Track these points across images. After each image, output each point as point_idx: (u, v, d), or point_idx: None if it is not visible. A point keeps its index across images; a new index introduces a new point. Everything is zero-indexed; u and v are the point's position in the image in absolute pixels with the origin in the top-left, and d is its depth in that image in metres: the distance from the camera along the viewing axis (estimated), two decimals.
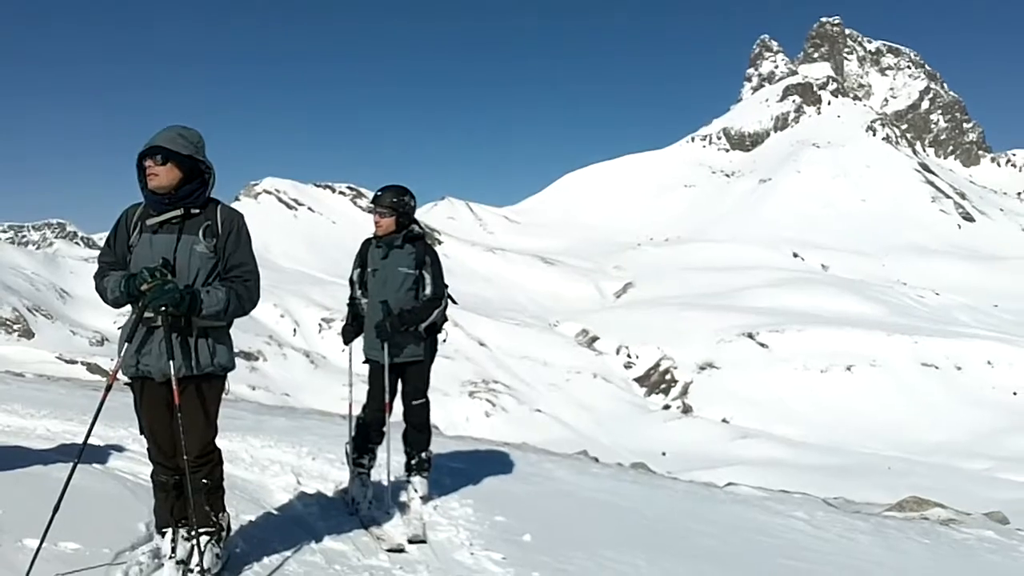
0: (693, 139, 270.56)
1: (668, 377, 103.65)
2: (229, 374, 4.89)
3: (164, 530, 4.91)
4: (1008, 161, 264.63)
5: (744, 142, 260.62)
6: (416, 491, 6.89)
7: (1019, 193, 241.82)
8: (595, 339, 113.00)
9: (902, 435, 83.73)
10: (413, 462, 6.97)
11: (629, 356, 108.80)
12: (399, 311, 6.70)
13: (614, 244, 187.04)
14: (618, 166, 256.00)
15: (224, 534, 4.89)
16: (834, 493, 17.17)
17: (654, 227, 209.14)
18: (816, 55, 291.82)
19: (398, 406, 6.91)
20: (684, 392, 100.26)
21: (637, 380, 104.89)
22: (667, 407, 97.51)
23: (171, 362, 4.50)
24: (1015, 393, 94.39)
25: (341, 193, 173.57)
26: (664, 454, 73.66)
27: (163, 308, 4.46)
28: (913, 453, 77.21)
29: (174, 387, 4.51)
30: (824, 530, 8.56)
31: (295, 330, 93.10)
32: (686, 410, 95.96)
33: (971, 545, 9.34)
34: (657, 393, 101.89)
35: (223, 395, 4.95)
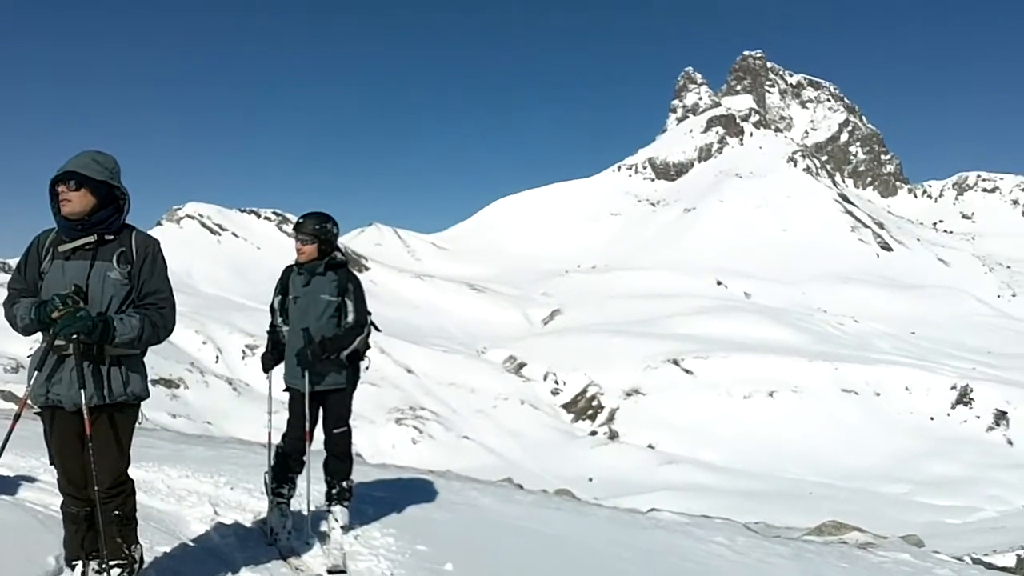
0: (619, 168, 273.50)
1: (595, 403, 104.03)
2: (146, 402, 4.81)
3: (74, 563, 4.79)
4: (924, 192, 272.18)
5: (669, 172, 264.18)
6: (336, 521, 6.81)
7: (935, 223, 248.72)
8: (522, 365, 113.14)
9: (823, 460, 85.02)
10: (334, 491, 6.90)
11: (556, 382, 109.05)
12: (321, 339, 6.64)
13: (542, 271, 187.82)
14: (546, 194, 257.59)
15: (137, 566, 4.78)
16: (756, 518, 17.38)
17: (581, 255, 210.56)
18: (739, 87, 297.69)
19: (319, 434, 6.84)
20: (611, 418, 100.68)
21: (564, 406, 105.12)
22: (594, 433, 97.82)
23: (82, 391, 4.41)
24: (932, 418, 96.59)
25: (266, 218, 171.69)
26: (591, 480, 73.84)
27: (74, 336, 4.36)
28: (834, 478, 78.44)
29: (85, 417, 4.41)
30: (744, 555, 8.66)
31: (218, 357, 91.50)
32: (612, 436, 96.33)
33: (887, 568, 9.52)
34: (584, 419, 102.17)
35: (137, 424, 4.85)
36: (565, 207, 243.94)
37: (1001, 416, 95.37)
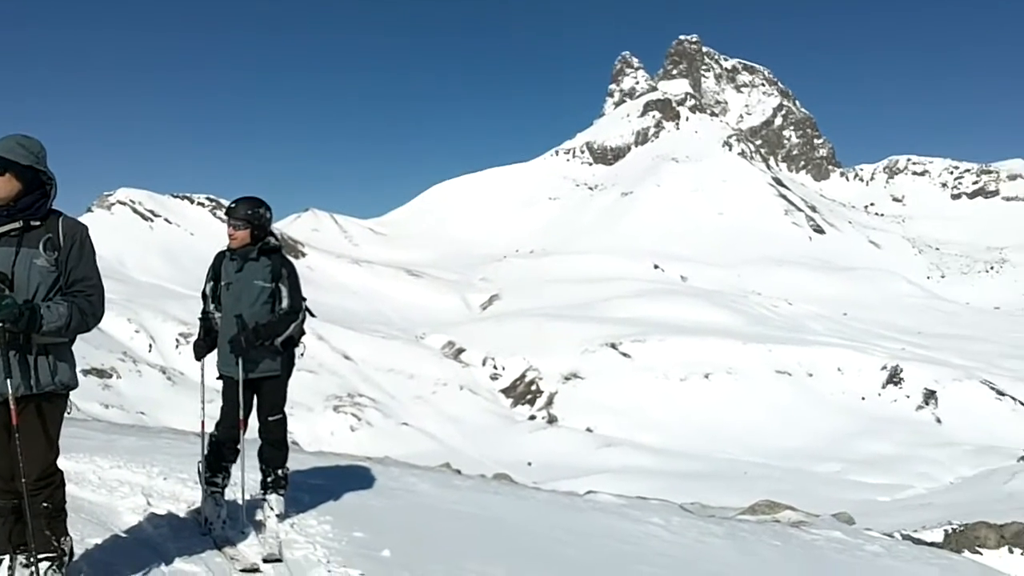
0: (557, 152, 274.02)
1: (534, 388, 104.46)
2: (77, 393, 4.71)
3: (1, 557, 4.69)
4: (856, 175, 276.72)
5: (607, 156, 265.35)
6: (272, 509, 6.75)
7: (866, 206, 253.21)
8: (461, 351, 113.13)
9: (758, 440, 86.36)
10: (269, 479, 6.83)
11: (495, 367, 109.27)
12: (254, 325, 6.55)
13: (480, 256, 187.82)
14: (484, 179, 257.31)
15: (66, 559, 4.70)
16: (692, 498, 17.61)
17: (520, 239, 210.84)
18: (675, 72, 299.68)
19: (253, 422, 6.77)
20: (549, 402, 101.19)
21: (503, 391, 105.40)
22: (533, 417, 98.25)
23: (8, 381, 4.31)
24: (863, 398, 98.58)
25: (200, 204, 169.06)
26: (530, 464, 74.24)
27: (0, 324, 4.26)
28: (768, 457, 79.76)
29: (12, 407, 4.32)
30: (680, 535, 8.77)
31: (151, 346, 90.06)
32: (551, 420, 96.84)
33: (819, 545, 9.71)
34: (523, 404, 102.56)
35: (66, 414, 4.76)
36: (503, 192, 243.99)
37: (930, 395, 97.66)
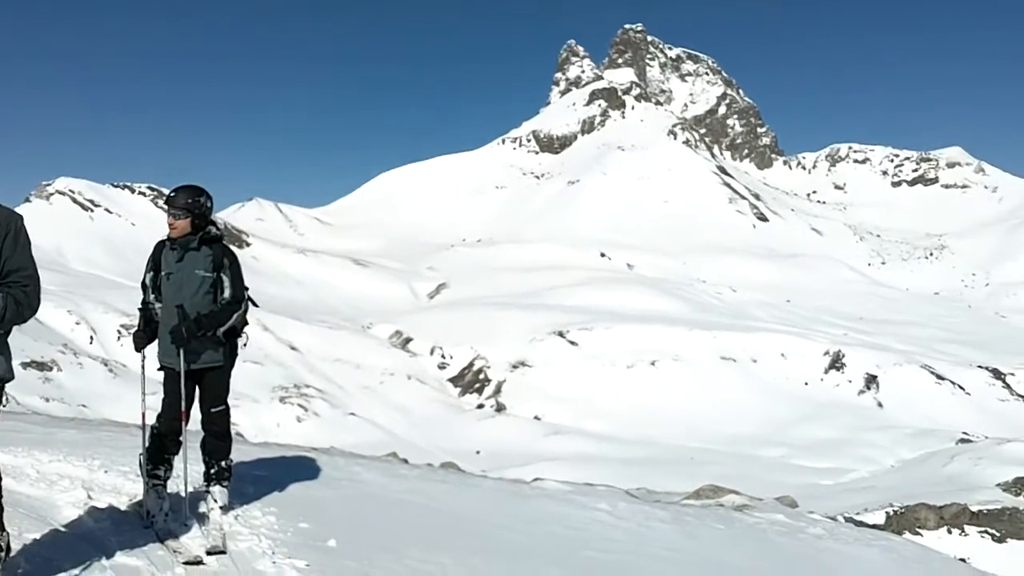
0: (504, 141, 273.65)
1: (482, 377, 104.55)
2: (16, 386, 4.63)
3: None
4: (799, 164, 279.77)
5: (553, 145, 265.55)
6: (216, 501, 6.70)
7: (809, 194, 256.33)
8: (409, 340, 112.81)
9: (703, 426, 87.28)
10: (212, 471, 6.78)
11: (443, 357, 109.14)
12: (196, 315, 6.50)
13: (427, 245, 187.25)
14: (431, 167, 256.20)
15: (3, 555, 4.62)
16: (639, 484, 17.75)
17: (467, 228, 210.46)
18: (620, 61, 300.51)
19: (196, 414, 6.71)
20: (497, 391, 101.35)
21: (451, 380, 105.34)
22: (481, 406, 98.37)
23: None
24: (807, 383, 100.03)
25: (141, 193, 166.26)
26: (478, 453, 74.33)
27: None
28: (714, 443, 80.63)
29: None
30: (625, 520, 8.85)
31: (92, 338, 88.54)
32: (499, 409, 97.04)
33: (763, 529, 9.86)
34: (471, 393, 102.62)
35: (2, 407, 4.68)
36: (450, 180, 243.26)
37: (871, 380, 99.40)
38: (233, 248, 6.94)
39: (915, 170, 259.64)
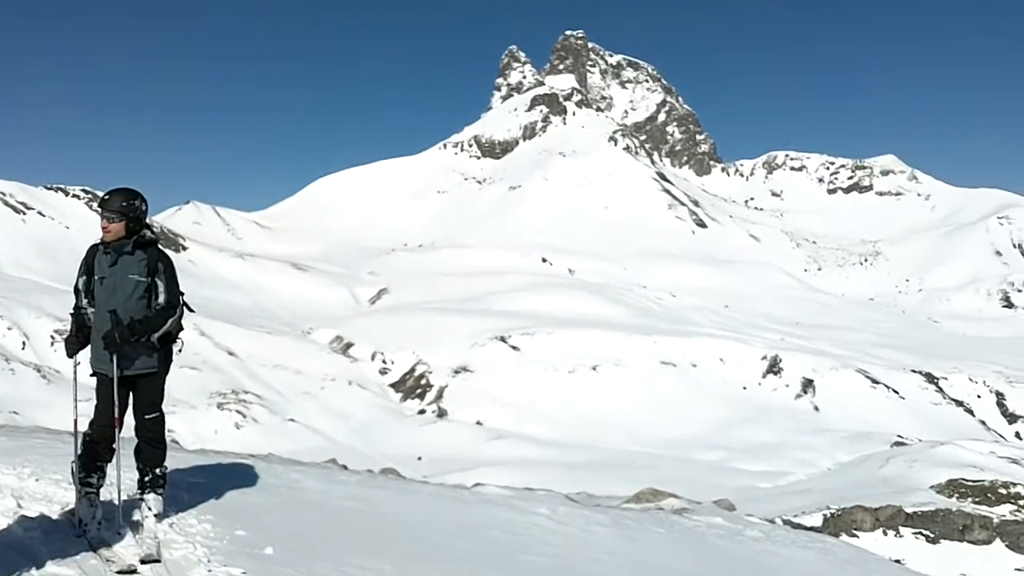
0: (445, 146, 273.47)
1: (423, 382, 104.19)
2: None
3: None
4: (736, 171, 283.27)
5: (495, 150, 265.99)
6: (150, 509, 6.59)
7: (746, 201, 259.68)
8: (350, 345, 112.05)
9: (644, 430, 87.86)
10: (147, 479, 6.67)
11: (384, 362, 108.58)
12: (129, 320, 6.39)
13: (368, 250, 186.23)
14: (372, 171, 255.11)
15: None
16: (579, 488, 17.83)
17: (408, 232, 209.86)
18: (561, 67, 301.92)
19: (130, 420, 6.60)
20: (439, 396, 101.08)
21: (392, 386, 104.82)
22: (423, 411, 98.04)
23: None
24: (745, 387, 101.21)
25: (75, 196, 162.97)
26: (420, 458, 74.09)
27: None
28: (654, 447, 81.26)
29: None
30: (565, 524, 8.87)
31: (24, 343, 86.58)
32: (441, 414, 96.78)
33: (702, 531, 9.95)
34: (413, 398, 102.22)
35: None
36: (391, 185, 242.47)
37: (808, 384, 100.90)
38: (170, 252, 6.87)
39: (850, 177, 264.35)
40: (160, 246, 6.80)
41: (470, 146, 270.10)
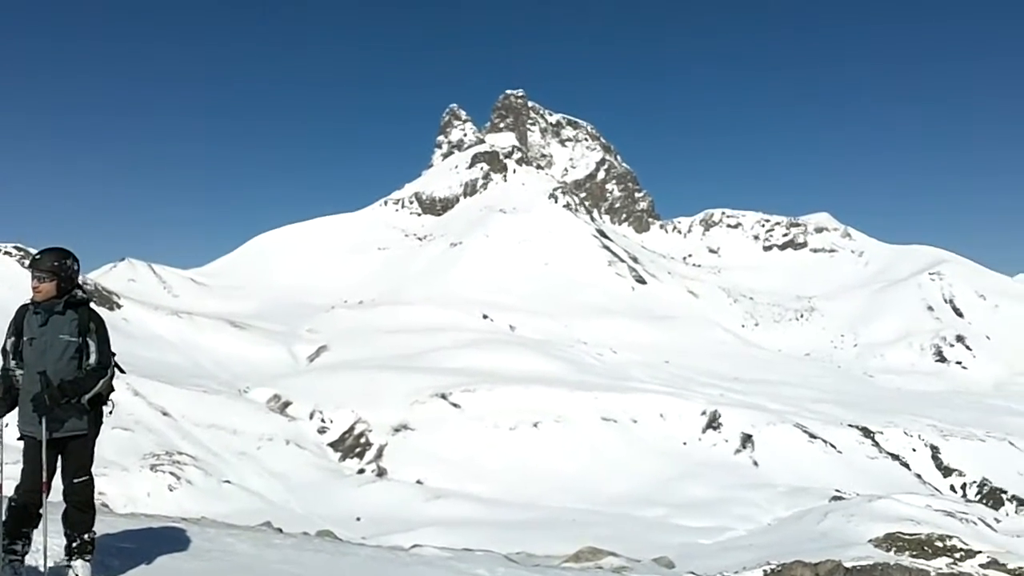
0: (386, 202, 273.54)
1: (363, 440, 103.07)
2: None
3: None
4: (675, 228, 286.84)
5: (435, 207, 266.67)
6: None
7: (684, 257, 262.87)
8: (287, 404, 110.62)
9: (586, 487, 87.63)
10: (74, 545, 6.51)
11: (323, 420, 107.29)
12: (60, 382, 6.28)
13: (307, 307, 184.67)
14: (311, 228, 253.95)
15: None
16: (520, 547, 17.70)
17: (348, 289, 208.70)
18: (502, 125, 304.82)
19: (58, 484, 6.44)
20: (379, 455, 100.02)
21: (331, 445, 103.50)
22: (362, 471, 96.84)
23: None
24: (685, 443, 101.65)
25: (7, 253, 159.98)
26: (359, 519, 73.01)
27: None
28: (596, 504, 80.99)
29: None
30: None
31: None
32: (381, 473, 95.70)
33: None
34: (352, 457, 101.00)
35: None
36: (330, 241, 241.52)
37: (747, 439, 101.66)
38: (104, 310, 6.79)
39: (785, 235, 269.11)
40: (92, 305, 6.72)
41: (411, 203, 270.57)
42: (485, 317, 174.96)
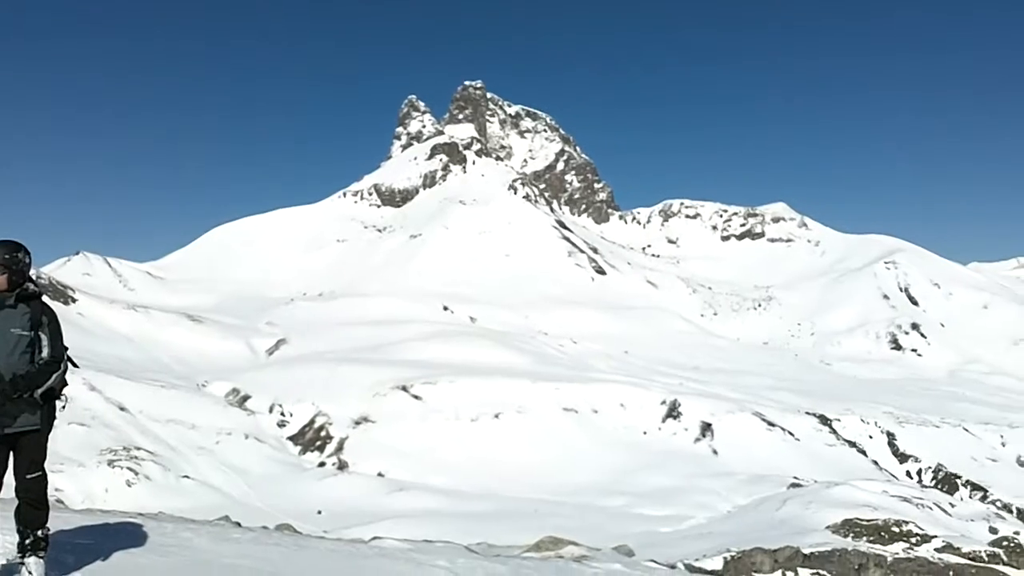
0: (345, 194, 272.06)
1: (323, 434, 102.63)
2: None
3: None
4: (634, 219, 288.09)
5: (395, 198, 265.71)
6: (31, 573, 6.35)
7: (644, 248, 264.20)
8: (247, 398, 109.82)
9: (547, 477, 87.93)
10: (27, 541, 6.42)
11: (283, 414, 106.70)
12: (12, 376, 6.20)
13: (266, 300, 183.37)
14: (269, 220, 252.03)
15: None
16: (482, 539, 17.71)
17: (307, 282, 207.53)
18: (461, 116, 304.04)
19: (9, 480, 6.36)
20: (340, 448, 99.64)
21: (291, 438, 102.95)
22: (323, 464, 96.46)
23: None
24: (645, 432, 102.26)
25: None
26: (320, 512, 72.76)
27: None
28: (557, 494, 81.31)
29: None
30: None
31: None
32: (342, 466, 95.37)
33: None
34: (312, 451, 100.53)
35: None
36: (289, 234, 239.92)
37: (707, 428, 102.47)
38: (58, 304, 6.70)
39: (743, 225, 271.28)
40: (45, 299, 6.63)
41: (370, 194, 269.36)
42: (446, 309, 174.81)
